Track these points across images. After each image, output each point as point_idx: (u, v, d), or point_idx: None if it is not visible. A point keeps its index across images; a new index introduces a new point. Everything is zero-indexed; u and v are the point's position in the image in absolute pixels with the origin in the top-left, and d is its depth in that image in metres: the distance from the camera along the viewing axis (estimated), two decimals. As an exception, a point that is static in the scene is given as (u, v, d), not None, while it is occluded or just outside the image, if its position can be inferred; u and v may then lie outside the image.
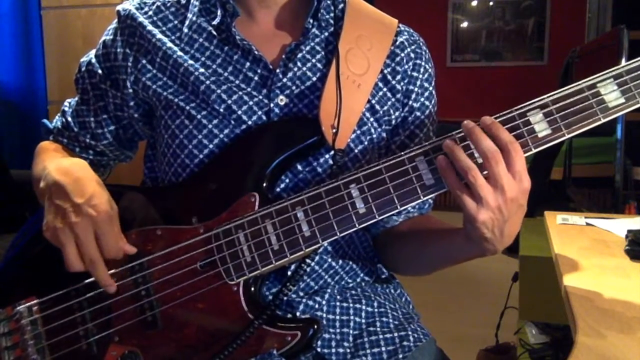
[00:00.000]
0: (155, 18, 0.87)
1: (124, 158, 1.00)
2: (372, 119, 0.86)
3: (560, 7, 5.30)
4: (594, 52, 2.75)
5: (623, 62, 0.73)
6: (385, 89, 0.88)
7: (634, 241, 1.11)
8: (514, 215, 0.69)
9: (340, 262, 0.86)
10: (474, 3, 5.58)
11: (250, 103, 0.82)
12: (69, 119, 0.94)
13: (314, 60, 0.85)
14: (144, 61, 0.86)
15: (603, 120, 0.71)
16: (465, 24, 5.62)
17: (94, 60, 0.91)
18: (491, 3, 5.52)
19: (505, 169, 0.66)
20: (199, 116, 0.82)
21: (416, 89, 0.90)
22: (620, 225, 1.27)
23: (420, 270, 0.91)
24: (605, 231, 1.28)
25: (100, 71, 0.90)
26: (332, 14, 0.88)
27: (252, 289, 0.76)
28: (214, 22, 0.86)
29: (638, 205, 2.34)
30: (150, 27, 0.86)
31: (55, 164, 0.79)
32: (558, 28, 5.31)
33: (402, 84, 0.89)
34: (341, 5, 0.89)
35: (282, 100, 0.83)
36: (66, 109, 0.96)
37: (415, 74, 0.90)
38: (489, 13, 5.54)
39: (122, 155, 0.99)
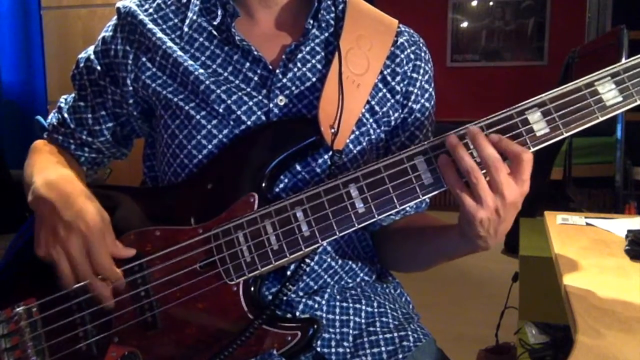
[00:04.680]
0: (155, 16, 0.87)
1: (119, 155, 0.99)
2: (371, 120, 0.86)
3: (560, 7, 5.30)
4: (594, 52, 2.74)
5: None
6: (384, 90, 0.88)
7: (634, 241, 1.11)
8: (509, 216, 0.69)
9: (340, 261, 0.86)
10: (474, 3, 5.58)
11: (250, 103, 0.82)
12: (65, 115, 0.93)
13: (313, 61, 0.85)
14: (144, 59, 0.86)
15: (601, 119, 0.71)
16: (465, 24, 5.62)
17: (92, 57, 0.91)
18: (491, 3, 5.52)
19: (506, 176, 0.67)
20: (198, 116, 0.82)
21: (416, 91, 0.90)
22: (620, 225, 1.27)
23: (416, 267, 0.91)
24: (605, 231, 1.28)
25: (99, 67, 0.90)
26: (332, 15, 0.88)
27: (252, 289, 0.76)
28: (215, 22, 0.86)
29: (638, 205, 2.33)
30: (150, 25, 0.86)
31: (43, 177, 0.79)
32: (558, 28, 5.31)
33: (401, 85, 0.89)
34: (341, 6, 0.89)
35: (281, 100, 0.83)
36: (62, 105, 0.95)
37: (415, 75, 0.90)
38: (489, 13, 5.54)
39: (118, 152, 0.98)
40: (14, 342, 0.77)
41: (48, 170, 0.83)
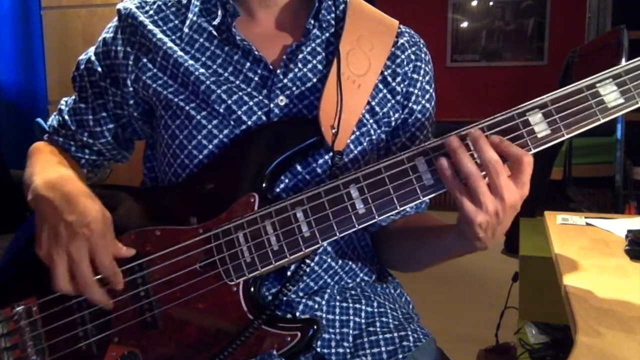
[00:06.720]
0: (156, 17, 0.87)
1: (120, 158, 0.99)
2: (371, 121, 0.86)
3: (560, 7, 5.30)
4: (594, 52, 2.74)
5: (623, 62, 0.73)
6: (385, 91, 0.88)
7: (634, 241, 1.11)
8: (508, 218, 0.70)
9: (340, 262, 0.86)
10: (474, 3, 5.58)
11: (250, 103, 0.82)
12: (66, 117, 0.93)
13: (314, 61, 0.85)
14: (144, 60, 0.86)
15: (602, 121, 0.71)
16: (465, 24, 5.61)
17: (93, 58, 0.91)
18: (491, 3, 5.52)
19: (506, 179, 0.67)
20: (198, 116, 0.82)
21: (416, 91, 0.90)
22: (620, 225, 1.27)
23: (414, 266, 0.91)
24: (605, 231, 1.28)
25: (99, 69, 0.90)
26: (333, 15, 0.88)
27: (252, 289, 0.76)
28: (215, 22, 0.86)
29: (638, 205, 2.33)
30: (151, 27, 0.86)
31: (42, 176, 0.79)
32: (558, 28, 5.31)
33: (402, 86, 0.89)
34: (342, 6, 0.89)
35: (282, 100, 0.83)
36: (63, 107, 0.95)
37: (415, 76, 0.90)
38: (489, 13, 5.53)
39: (118, 155, 0.98)
40: (13, 341, 0.77)
41: (48, 170, 0.83)
